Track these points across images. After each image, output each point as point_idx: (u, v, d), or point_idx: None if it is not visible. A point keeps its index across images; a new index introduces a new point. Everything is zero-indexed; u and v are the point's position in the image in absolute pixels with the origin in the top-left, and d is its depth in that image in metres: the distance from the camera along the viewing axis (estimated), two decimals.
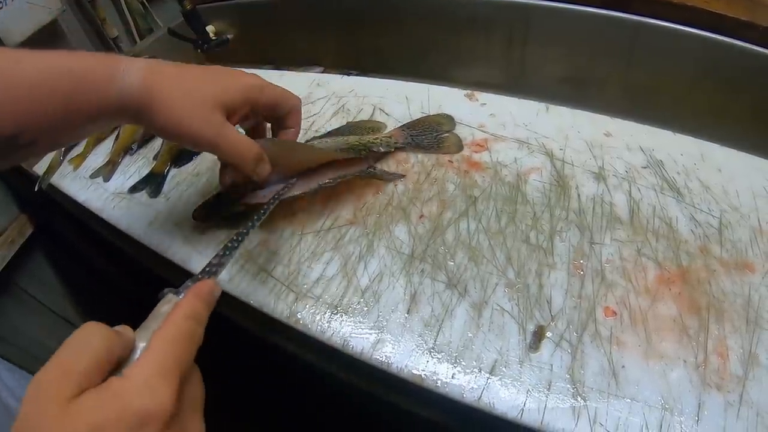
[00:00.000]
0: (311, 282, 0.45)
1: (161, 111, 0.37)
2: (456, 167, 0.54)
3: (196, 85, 0.39)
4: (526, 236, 0.46)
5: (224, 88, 0.40)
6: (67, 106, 0.35)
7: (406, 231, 0.48)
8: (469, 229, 0.47)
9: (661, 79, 0.74)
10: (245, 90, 0.42)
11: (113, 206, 0.59)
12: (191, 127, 0.38)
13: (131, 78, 0.36)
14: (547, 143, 0.56)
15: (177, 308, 0.29)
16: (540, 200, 0.49)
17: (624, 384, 0.36)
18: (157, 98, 0.37)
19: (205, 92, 0.39)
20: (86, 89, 0.36)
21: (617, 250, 0.45)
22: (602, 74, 0.79)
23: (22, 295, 0.92)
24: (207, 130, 0.38)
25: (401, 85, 0.67)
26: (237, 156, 0.41)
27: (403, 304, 0.42)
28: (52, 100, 0.35)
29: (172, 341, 0.27)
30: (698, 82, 0.71)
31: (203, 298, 0.31)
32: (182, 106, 0.37)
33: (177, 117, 0.38)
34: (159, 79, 0.37)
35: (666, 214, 0.48)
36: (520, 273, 0.43)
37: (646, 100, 0.77)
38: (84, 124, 0.37)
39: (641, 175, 0.51)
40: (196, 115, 0.38)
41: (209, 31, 0.96)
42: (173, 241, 0.52)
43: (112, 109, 0.37)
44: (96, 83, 0.36)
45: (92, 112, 0.37)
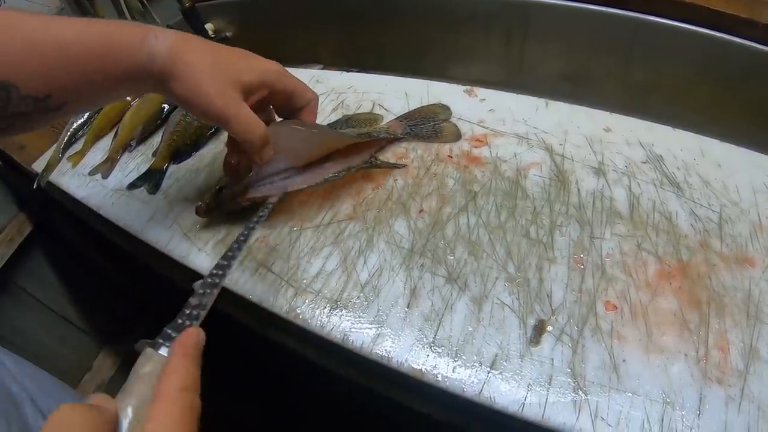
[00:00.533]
0: (310, 277, 0.45)
1: (181, 79, 0.38)
2: (455, 162, 0.53)
3: (218, 60, 0.40)
4: (526, 231, 0.46)
5: (245, 68, 0.41)
6: (99, 68, 0.37)
7: (405, 226, 0.48)
8: (469, 224, 0.47)
9: (660, 76, 0.74)
10: (264, 73, 0.43)
11: (112, 203, 0.59)
12: (206, 98, 0.39)
13: (160, 45, 0.38)
14: (547, 138, 0.55)
15: (168, 377, 0.26)
16: (540, 195, 0.49)
17: (625, 378, 0.36)
18: (180, 67, 0.38)
19: (226, 68, 0.40)
20: (118, 52, 0.37)
21: (617, 244, 0.45)
22: (601, 71, 0.79)
23: (21, 294, 0.92)
24: (221, 103, 0.39)
25: (400, 81, 0.67)
26: (245, 133, 0.41)
27: (403, 298, 0.42)
28: (85, 61, 0.36)
29: (178, 423, 0.24)
30: (697, 79, 0.71)
31: (191, 356, 0.27)
32: (201, 77, 0.38)
33: (195, 86, 0.39)
34: (185, 49, 0.38)
35: (666, 208, 0.47)
36: (520, 267, 0.43)
37: (645, 97, 0.77)
38: (113, 87, 0.39)
39: (641, 170, 0.51)
40: (213, 87, 0.39)
41: (208, 29, 0.96)
42: (172, 236, 0.52)
43: (139, 72, 0.38)
44: (128, 46, 0.37)
45: (121, 75, 0.38)
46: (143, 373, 0.27)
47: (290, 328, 0.44)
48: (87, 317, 1.03)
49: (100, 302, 1.07)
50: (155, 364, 0.27)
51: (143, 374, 0.27)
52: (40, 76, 0.35)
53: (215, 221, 0.51)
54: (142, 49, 0.38)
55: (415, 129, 0.57)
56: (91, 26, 0.37)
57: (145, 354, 0.28)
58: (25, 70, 0.34)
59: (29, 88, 0.35)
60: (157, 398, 0.25)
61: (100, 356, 1.06)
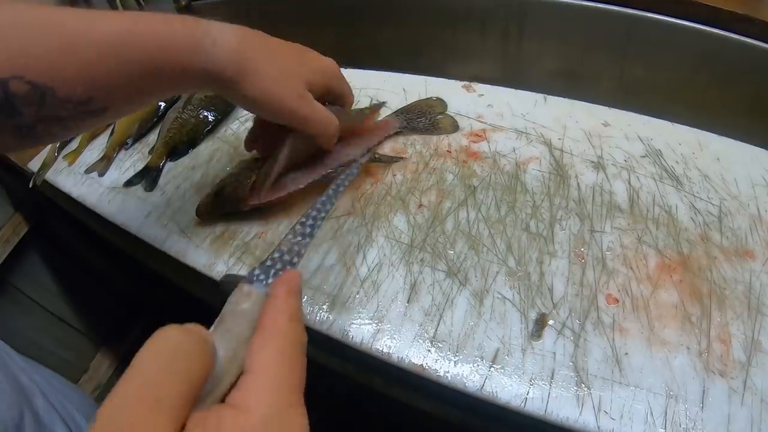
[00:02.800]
0: (309, 272, 0.45)
1: (254, 83, 0.37)
2: (454, 157, 0.53)
3: (286, 60, 0.39)
4: (526, 225, 0.46)
5: (312, 68, 0.42)
6: (149, 72, 0.34)
7: (404, 220, 0.47)
8: (469, 218, 0.47)
9: (656, 72, 0.74)
10: (328, 73, 0.44)
11: (108, 201, 0.58)
12: (279, 99, 0.39)
13: (221, 48, 0.36)
14: (546, 133, 0.55)
15: (275, 310, 0.24)
16: (539, 189, 0.49)
17: (627, 371, 0.36)
18: (250, 70, 0.37)
19: (295, 67, 0.40)
20: (169, 55, 0.34)
21: (618, 238, 0.44)
22: (598, 67, 0.79)
23: (17, 295, 0.91)
24: (294, 104, 0.39)
25: (399, 77, 0.66)
26: (324, 129, 0.43)
27: (402, 293, 0.42)
28: (132, 65, 0.34)
29: (288, 356, 0.22)
30: (694, 75, 0.71)
31: (296, 293, 0.25)
32: (274, 79, 0.38)
33: (269, 89, 0.38)
34: (249, 50, 0.37)
35: (666, 202, 0.47)
36: (520, 261, 0.43)
37: (642, 94, 0.77)
38: (164, 90, 0.38)
39: (640, 164, 0.51)
40: (287, 89, 0.39)
41: None
42: (169, 234, 0.51)
43: (198, 77, 0.37)
44: (181, 50, 0.35)
45: (175, 79, 0.36)
46: (241, 309, 0.25)
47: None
48: (84, 318, 1.02)
49: (96, 303, 1.06)
50: (254, 301, 0.25)
51: (241, 311, 0.25)
52: (81, 78, 0.32)
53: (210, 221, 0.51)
54: (198, 55, 0.35)
55: (412, 123, 0.57)
56: (138, 24, 0.34)
57: (242, 291, 0.26)
58: (63, 72, 0.32)
59: (68, 91, 0.32)
60: (264, 330, 0.23)
61: (98, 357, 1.05)
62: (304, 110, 0.40)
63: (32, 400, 0.42)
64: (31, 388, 0.43)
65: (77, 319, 1.01)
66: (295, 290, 0.25)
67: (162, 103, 0.69)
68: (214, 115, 0.64)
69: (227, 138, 0.63)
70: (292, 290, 0.25)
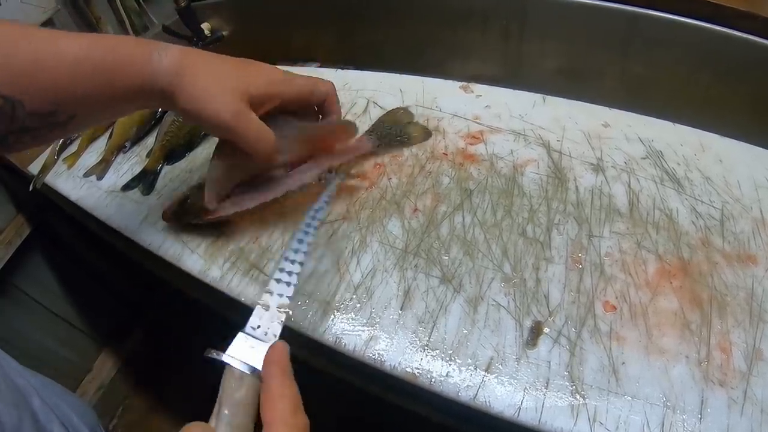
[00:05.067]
0: (303, 278, 0.44)
1: (187, 95, 0.38)
2: (451, 160, 0.52)
3: (223, 74, 0.39)
4: (522, 229, 0.45)
5: (251, 81, 0.40)
6: (106, 84, 0.36)
7: (399, 225, 0.47)
8: (464, 223, 0.46)
9: (658, 70, 0.73)
10: (271, 84, 0.42)
11: (106, 204, 0.58)
12: (214, 112, 0.38)
13: (164, 61, 0.38)
14: (544, 135, 0.54)
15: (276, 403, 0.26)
16: (537, 193, 0.48)
17: (624, 381, 0.35)
18: (187, 82, 0.38)
19: (232, 81, 0.39)
20: (124, 68, 0.37)
21: (616, 243, 0.44)
22: (599, 66, 0.78)
23: (20, 296, 0.92)
24: (228, 117, 0.39)
25: (396, 78, 0.66)
26: (255, 147, 0.41)
27: (396, 300, 0.42)
28: (92, 78, 0.36)
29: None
30: (696, 73, 0.70)
31: (287, 373, 0.28)
32: (207, 90, 0.38)
33: (201, 102, 0.38)
34: (190, 64, 0.38)
35: (666, 205, 0.46)
36: (516, 267, 0.42)
37: (644, 92, 0.76)
38: (120, 103, 0.39)
39: (640, 167, 0.50)
40: (219, 100, 0.38)
41: (205, 28, 0.95)
42: (165, 238, 0.51)
43: (145, 89, 0.38)
44: (134, 63, 0.37)
45: (128, 92, 0.38)
46: (238, 398, 0.26)
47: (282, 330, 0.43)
48: (86, 319, 1.03)
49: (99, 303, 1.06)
50: (248, 387, 0.27)
51: (238, 399, 0.26)
52: (46, 92, 0.35)
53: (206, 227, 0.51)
54: (147, 66, 0.37)
55: (384, 140, 0.55)
56: (98, 42, 0.36)
57: (234, 375, 0.27)
58: (31, 86, 0.34)
59: (35, 105, 0.34)
60: (272, 426, 0.25)
61: (101, 357, 1.06)
62: (234, 124, 0.39)
63: (30, 401, 0.43)
64: (28, 389, 0.43)
65: (80, 320, 1.02)
66: (285, 370, 0.27)
67: None
68: None
69: None
70: (284, 371, 0.27)
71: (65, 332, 0.99)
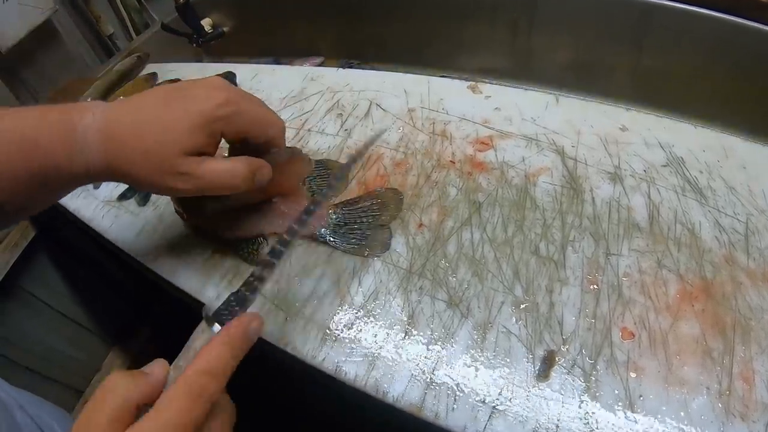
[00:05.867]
0: (302, 300, 0.42)
1: (132, 175, 0.35)
2: (458, 169, 0.50)
3: (155, 140, 0.35)
4: (535, 247, 0.42)
5: (185, 131, 0.35)
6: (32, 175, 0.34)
7: (403, 242, 0.44)
8: (473, 240, 0.44)
9: (673, 63, 0.69)
10: (208, 125, 0.35)
11: (102, 215, 0.57)
12: (164, 181, 0.35)
13: (91, 152, 0.35)
14: (558, 140, 0.51)
15: (197, 358, 0.28)
16: (551, 205, 0.45)
17: (641, 416, 0.33)
18: (124, 168, 0.35)
19: (166, 145, 0.35)
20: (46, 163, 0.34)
21: (635, 261, 0.41)
22: (612, 59, 0.74)
23: (28, 298, 0.92)
24: (177, 179, 0.35)
25: (399, 78, 0.63)
26: (222, 189, 0.37)
27: (400, 325, 0.39)
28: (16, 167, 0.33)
29: (179, 399, 0.26)
30: (712, 66, 0.66)
31: (230, 344, 0.29)
32: (148, 168, 0.35)
33: (147, 178, 0.35)
34: (118, 146, 0.35)
35: (688, 218, 0.43)
36: (528, 290, 0.40)
37: (658, 86, 0.73)
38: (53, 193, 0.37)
39: (661, 175, 0.47)
40: (161, 169, 0.35)
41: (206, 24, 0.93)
42: (160, 253, 0.50)
43: (79, 181, 0.36)
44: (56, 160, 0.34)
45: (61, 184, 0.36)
46: (194, 346, 0.30)
47: (282, 355, 0.41)
48: (94, 318, 1.02)
49: (106, 303, 1.06)
50: (204, 338, 0.30)
51: (193, 348, 0.30)
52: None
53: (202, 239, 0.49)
54: (74, 164, 0.35)
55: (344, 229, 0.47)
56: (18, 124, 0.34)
57: (200, 327, 0.30)
58: None
59: None
60: (178, 379, 0.27)
61: (110, 356, 1.06)
62: (185, 185, 0.35)
63: (11, 412, 0.42)
64: (10, 402, 0.43)
65: (87, 320, 1.02)
66: (229, 340, 0.29)
67: None
68: None
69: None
70: (226, 340, 0.29)
71: (73, 332, 0.99)
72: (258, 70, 0.71)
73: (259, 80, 0.69)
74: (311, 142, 0.57)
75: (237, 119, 0.36)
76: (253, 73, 0.71)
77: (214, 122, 0.35)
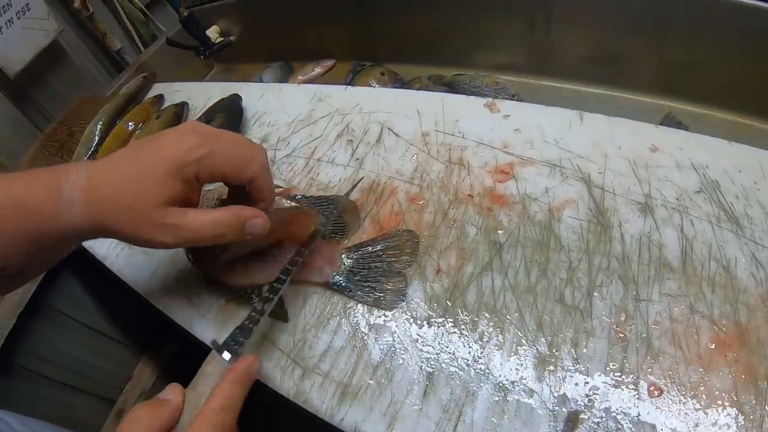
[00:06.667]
0: (318, 355, 0.41)
1: (117, 232, 0.36)
2: (477, 204, 0.47)
3: (133, 194, 0.35)
4: (560, 294, 0.40)
5: (159, 181, 0.35)
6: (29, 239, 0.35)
7: (421, 291, 0.43)
8: (494, 287, 0.42)
9: (698, 53, 0.64)
10: (180, 171, 0.35)
11: (116, 254, 0.57)
12: (151, 237, 0.35)
13: (76, 211, 0.35)
14: (583, 165, 0.48)
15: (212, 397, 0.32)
16: (576, 245, 0.43)
17: None
18: (109, 224, 0.36)
19: (144, 198, 0.35)
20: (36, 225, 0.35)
21: (666, 307, 0.38)
22: (634, 52, 0.70)
23: (56, 315, 0.94)
24: (159, 232, 0.35)
25: (411, 96, 0.60)
26: (208, 240, 0.36)
27: (418, 385, 0.38)
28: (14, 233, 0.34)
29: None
30: (740, 56, 0.61)
31: (239, 382, 0.34)
32: (131, 223, 0.35)
33: (132, 233, 0.36)
34: (100, 204, 0.35)
35: (723, 254, 0.40)
36: (552, 343, 0.38)
37: (683, 78, 0.68)
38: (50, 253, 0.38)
39: (694, 204, 0.44)
40: (147, 225, 0.35)
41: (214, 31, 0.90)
42: (174, 299, 0.50)
43: (74, 239, 0.37)
44: (45, 221, 0.35)
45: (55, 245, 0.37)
46: (207, 372, 0.34)
47: (300, 411, 0.41)
48: (123, 330, 1.05)
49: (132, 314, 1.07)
50: (217, 368, 0.34)
51: (207, 373, 0.34)
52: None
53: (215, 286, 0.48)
54: (62, 224, 0.35)
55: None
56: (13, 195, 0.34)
57: (211, 355, 0.35)
58: None
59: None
60: (199, 413, 0.31)
61: (140, 366, 1.08)
62: (169, 237, 0.35)
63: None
64: None
65: (116, 332, 1.04)
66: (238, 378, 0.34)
67: None
68: None
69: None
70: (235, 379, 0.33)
71: (103, 345, 1.02)
72: (264, 90, 0.69)
73: (265, 101, 0.67)
74: (321, 174, 0.55)
75: (210, 161, 0.36)
76: (259, 93, 0.68)
77: (187, 167, 0.35)
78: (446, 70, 0.85)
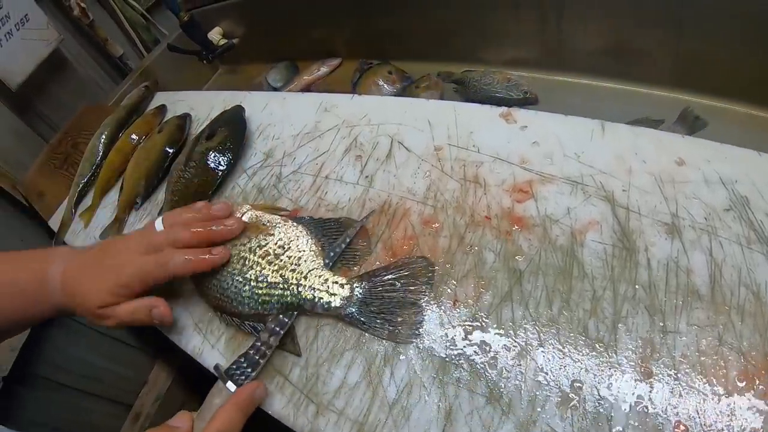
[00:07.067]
0: (332, 391, 0.40)
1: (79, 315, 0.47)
2: (495, 226, 0.45)
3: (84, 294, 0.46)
4: (583, 327, 0.38)
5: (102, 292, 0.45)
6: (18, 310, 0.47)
7: (437, 323, 0.41)
8: (514, 319, 0.40)
9: (716, 45, 0.61)
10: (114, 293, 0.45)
11: None
12: (99, 323, 0.46)
13: (56, 292, 0.47)
14: (607, 182, 0.46)
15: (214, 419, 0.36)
16: (600, 272, 0.41)
17: None
18: (71, 308, 0.47)
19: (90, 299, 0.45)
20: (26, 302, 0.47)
21: (694, 339, 0.36)
22: (650, 44, 0.67)
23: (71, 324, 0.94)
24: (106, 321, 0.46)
25: (422, 106, 0.57)
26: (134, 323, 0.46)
27: (436, 424, 0.37)
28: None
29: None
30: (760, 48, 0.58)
31: (240, 407, 0.37)
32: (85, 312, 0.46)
33: (88, 319, 0.47)
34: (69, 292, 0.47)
35: (753, 278, 0.38)
36: (576, 379, 0.36)
37: (701, 71, 0.65)
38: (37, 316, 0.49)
39: (724, 223, 0.41)
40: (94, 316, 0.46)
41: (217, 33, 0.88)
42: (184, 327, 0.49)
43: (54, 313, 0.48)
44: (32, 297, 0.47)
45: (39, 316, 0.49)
46: (214, 403, 0.38)
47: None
48: (137, 335, 1.05)
49: None
50: (223, 398, 0.38)
51: (214, 404, 0.38)
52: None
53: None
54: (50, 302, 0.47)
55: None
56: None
57: (217, 386, 0.39)
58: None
59: None
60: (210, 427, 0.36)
61: (155, 370, 1.09)
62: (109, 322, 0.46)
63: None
64: None
65: (131, 337, 1.04)
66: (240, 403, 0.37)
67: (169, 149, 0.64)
68: (220, 169, 0.58)
69: (234, 197, 0.57)
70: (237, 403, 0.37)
71: (119, 351, 1.02)
72: (268, 99, 0.66)
73: (269, 112, 0.65)
74: (330, 193, 0.53)
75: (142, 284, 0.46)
76: (263, 103, 0.66)
77: (120, 289, 0.45)
78: (455, 66, 0.82)
